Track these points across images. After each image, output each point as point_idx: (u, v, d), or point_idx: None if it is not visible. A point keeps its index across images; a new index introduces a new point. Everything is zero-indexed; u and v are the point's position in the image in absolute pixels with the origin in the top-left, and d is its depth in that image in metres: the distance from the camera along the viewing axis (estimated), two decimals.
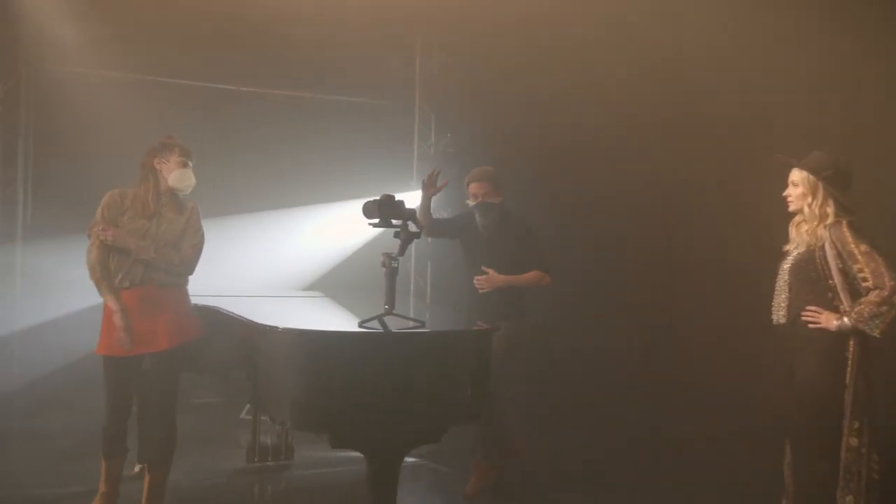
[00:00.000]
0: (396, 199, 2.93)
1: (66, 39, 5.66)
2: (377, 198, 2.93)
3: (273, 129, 6.44)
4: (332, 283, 6.06)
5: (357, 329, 2.78)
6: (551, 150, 6.11)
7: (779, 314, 3.00)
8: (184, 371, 3.42)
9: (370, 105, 6.72)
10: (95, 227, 3.23)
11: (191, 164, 3.41)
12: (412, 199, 6.39)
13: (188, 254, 3.38)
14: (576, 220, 6.03)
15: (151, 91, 6.00)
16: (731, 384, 4.75)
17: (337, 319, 4.02)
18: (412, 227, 2.89)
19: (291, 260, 6.12)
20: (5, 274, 5.57)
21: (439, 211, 6.41)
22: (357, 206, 6.22)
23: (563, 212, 5.94)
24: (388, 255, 2.87)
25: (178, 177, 3.34)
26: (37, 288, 5.58)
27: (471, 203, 4.05)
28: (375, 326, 2.79)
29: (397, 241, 2.90)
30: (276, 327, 2.81)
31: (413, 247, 6.54)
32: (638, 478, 4.31)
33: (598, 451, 4.81)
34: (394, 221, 2.92)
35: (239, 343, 3.14)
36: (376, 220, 2.92)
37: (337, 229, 6.34)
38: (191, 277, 3.44)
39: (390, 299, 2.88)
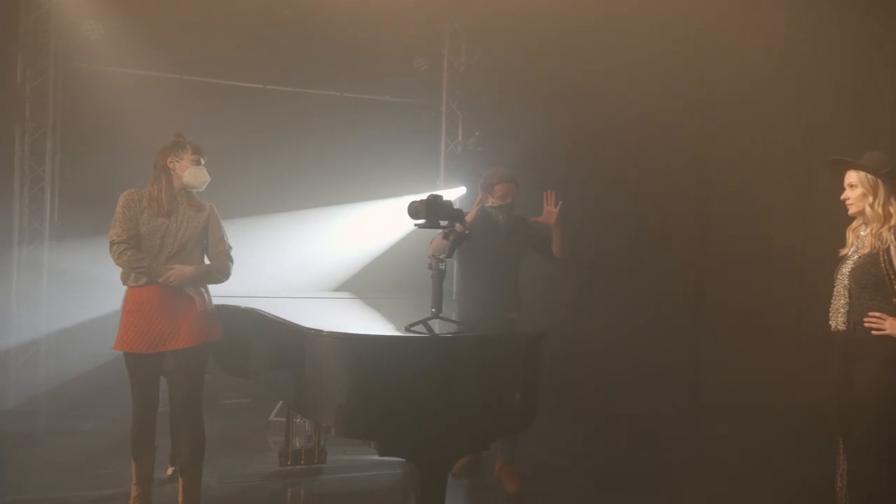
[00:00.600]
0: (444, 198, 2.84)
1: (96, 37, 5.64)
2: (423, 197, 2.84)
3: (299, 128, 6.40)
4: (360, 285, 6.00)
5: (406, 333, 2.71)
6: (580, 146, 6.03)
7: (837, 320, 2.88)
8: (214, 371, 3.38)
9: (396, 103, 6.65)
10: (116, 229, 3.18)
11: (203, 161, 3.35)
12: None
13: (224, 263, 3.35)
14: (604, 217, 5.94)
15: (180, 89, 5.98)
16: (770, 390, 4.66)
17: (377, 323, 3.92)
18: (461, 228, 2.80)
19: (317, 260, 6.06)
20: (33, 274, 5.56)
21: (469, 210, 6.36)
22: (384, 206, 6.34)
23: (591, 209, 5.85)
24: (436, 257, 2.79)
25: (191, 174, 3.29)
26: (64, 288, 5.57)
27: (497, 203, 3.95)
28: (422, 330, 2.72)
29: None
30: (322, 331, 2.74)
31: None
32: (673, 483, 4.22)
33: (627, 454, 4.74)
34: (441, 222, 2.83)
35: (279, 346, 3.08)
36: (422, 221, 2.84)
37: (365, 229, 6.28)
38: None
39: (437, 302, 2.81)
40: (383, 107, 6.62)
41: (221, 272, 3.34)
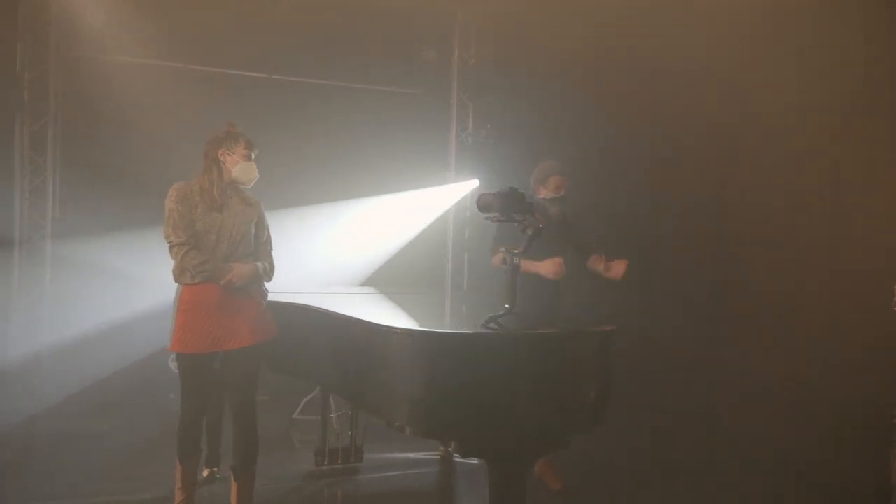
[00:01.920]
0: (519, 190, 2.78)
1: (98, 25, 5.42)
2: (496, 190, 2.77)
3: (304, 119, 6.24)
4: (378, 280, 5.91)
5: (485, 331, 2.65)
6: (595, 138, 6.01)
7: None
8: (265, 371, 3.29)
9: (404, 94, 6.55)
10: (173, 227, 3.03)
11: (255, 155, 3.24)
12: (449, 191, 6.32)
13: (271, 263, 3.29)
14: (620, 209, 5.94)
15: (184, 79, 5.79)
16: (820, 384, 4.62)
17: (435, 319, 3.81)
18: (536, 221, 2.74)
19: (328, 257, 5.93)
20: (35, 273, 5.33)
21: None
22: (394, 200, 6.24)
23: (606, 202, 5.84)
24: (510, 251, 2.73)
25: (242, 170, 3.17)
26: (68, 288, 5.35)
27: (550, 195, 3.91)
28: (498, 326, 2.67)
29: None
30: (396, 328, 2.67)
31: (450, 239, 6.48)
32: (718, 479, 4.23)
33: (667, 446, 4.75)
34: (516, 216, 2.77)
35: (341, 343, 3.00)
36: (495, 215, 2.77)
37: (375, 225, 6.17)
38: None
39: (511, 298, 2.75)
40: (390, 97, 6.51)
41: (269, 273, 3.25)
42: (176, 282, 3.11)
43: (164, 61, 5.75)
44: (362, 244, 6.02)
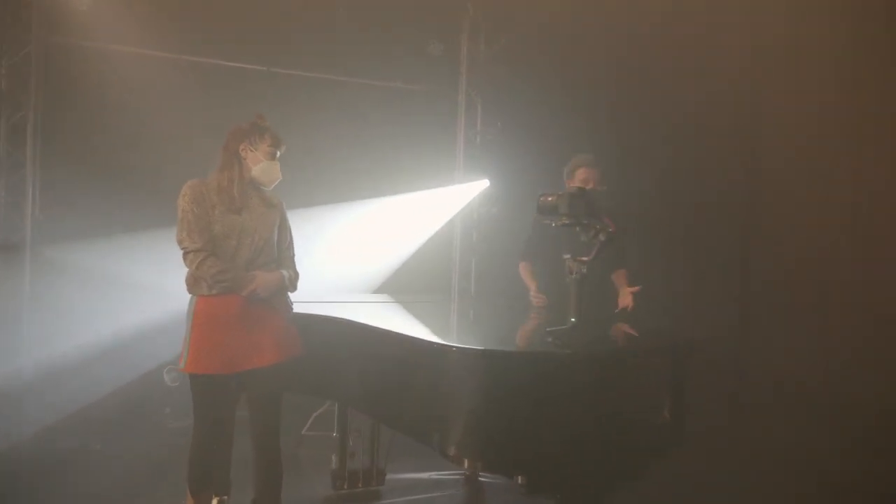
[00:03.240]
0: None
1: (83, 9, 5.01)
2: (563, 191, 2.48)
3: (304, 115, 5.85)
4: (385, 287, 5.59)
5: (556, 350, 2.35)
6: (610, 136, 5.74)
7: None
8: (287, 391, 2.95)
9: (408, 90, 6.23)
10: (188, 232, 2.68)
11: (279, 154, 2.90)
12: (458, 192, 6.01)
13: (295, 272, 2.95)
14: (637, 209, 5.68)
15: (176, 70, 5.42)
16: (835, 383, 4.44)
17: (478, 333, 3.46)
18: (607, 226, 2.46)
19: (337, 262, 5.56)
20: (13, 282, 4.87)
21: (488, 206, 6.00)
22: (400, 201, 5.91)
23: (623, 201, 5.58)
24: (578, 260, 2.44)
25: (263, 170, 2.83)
26: (50, 299, 4.87)
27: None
28: (563, 343, 2.38)
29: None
30: (450, 346, 2.36)
31: (458, 242, 6.17)
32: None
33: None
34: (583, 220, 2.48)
35: (379, 362, 2.67)
36: (562, 219, 2.48)
37: (380, 229, 5.82)
38: None
39: (578, 311, 2.46)
40: (394, 93, 6.19)
41: (294, 282, 2.91)
42: (189, 292, 2.76)
43: (155, 50, 5.36)
44: (368, 249, 5.67)
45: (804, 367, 4.66)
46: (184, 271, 2.77)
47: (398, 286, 5.78)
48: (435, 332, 3.02)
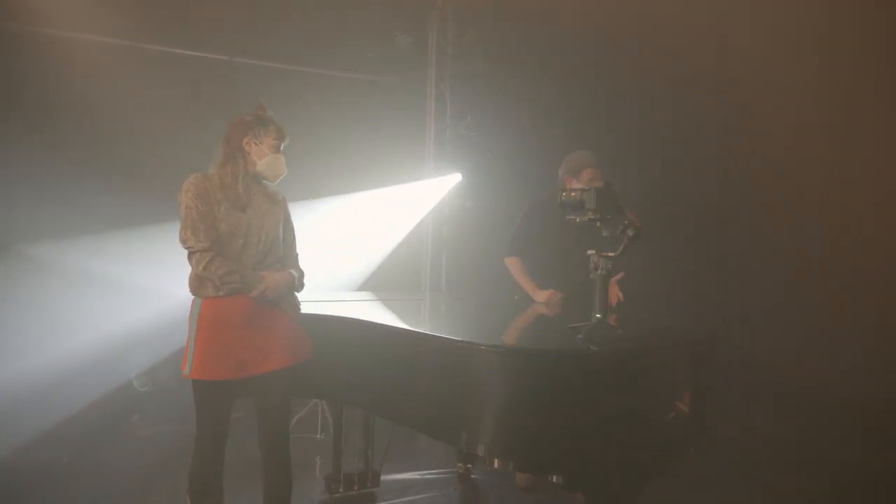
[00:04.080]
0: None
1: None
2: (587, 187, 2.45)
3: (268, 107, 5.68)
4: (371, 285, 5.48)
5: (587, 347, 2.33)
6: (583, 132, 5.76)
7: None
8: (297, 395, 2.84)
9: (377, 83, 6.13)
10: (193, 230, 2.53)
11: (283, 148, 2.79)
12: (430, 187, 5.94)
13: (301, 271, 2.83)
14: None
15: (133, 58, 5.16)
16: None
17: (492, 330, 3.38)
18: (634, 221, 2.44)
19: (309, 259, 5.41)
20: None
21: (462, 201, 5.95)
22: (370, 196, 5.79)
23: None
24: (603, 256, 2.42)
25: (269, 164, 2.72)
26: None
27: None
28: (596, 340, 2.37)
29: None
30: (480, 345, 2.30)
31: (429, 237, 6.10)
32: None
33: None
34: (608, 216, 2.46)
35: (399, 362, 2.60)
36: (587, 214, 2.45)
37: (346, 225, 5.68)
38: None
39: (602, 307, 2.45)
40: (360, 86, 6.08)
41: (301, 281, 2.80)
42: (194, 294, 2.62)
43: (111, 38, 5.09)
44: (342, 247, 5.53)
45: (816, 364, 4.48)
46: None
47: (370, 284, 5.69)
48: (448, 330, 2.95)
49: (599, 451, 2.22)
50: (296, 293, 2.77)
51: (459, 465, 3.99)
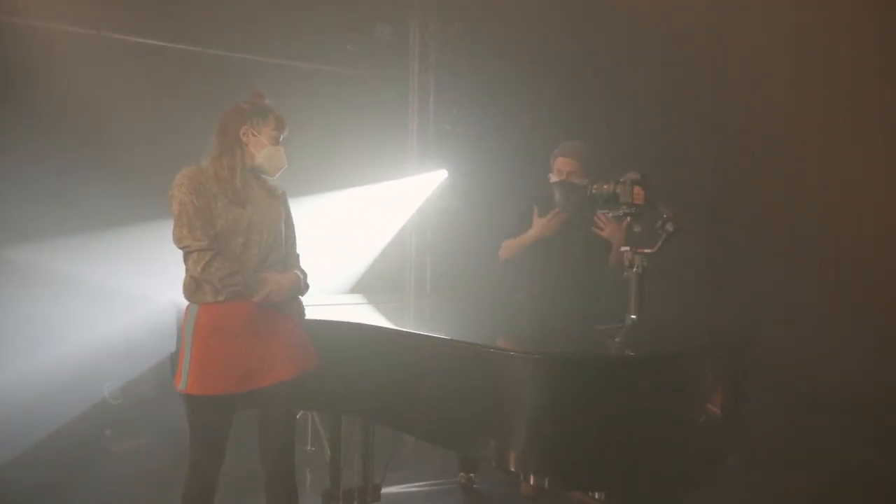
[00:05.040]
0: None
1: None
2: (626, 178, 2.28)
3: (238, 99, 5.40)
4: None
5: (637, 351, 2.16)
6: (572, 125, 5.61)
7: None
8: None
9: (356, 77, 5.89)
10: (189, 228, 2.28)
11: (283, 139, 2.56)
12: (416, 184, 5.72)
13: (302, 272, 2.59)
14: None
15: (96, 48, 4.81)
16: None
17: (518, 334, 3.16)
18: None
19: None
20: None
21: (447, 198, 5.75)
22: (351, 194, 5.55)
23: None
24: (639, 252, 2.25)
25: (268, 157, 2.49)
26: None
27: (555, 178, 3.49)
28: (631, 342, 2.20)
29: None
30: (508, 351, 2.12)
31: (413, 236, 5.87)
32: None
33: None
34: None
35: (419, 371, 2.39)
36: (623, 207, 2.28)
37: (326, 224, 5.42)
38: None
39: (638, 307, 2.28)
40: (339, 79, 5.83)
41: (306, 284, 2.57)
42: (189, 299, 2.37)
43: (73, 26, 4.74)
44: (318, 247, 5.26)
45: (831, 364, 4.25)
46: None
47: (352, 286, 5.46)
48: (465, 333, 2.75)
49: (648, 463, 2.05)
50: (300, 297, 2.54)
51: (461, 474, 3.80)
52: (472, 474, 3.79)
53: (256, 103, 2.49)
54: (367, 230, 5.42)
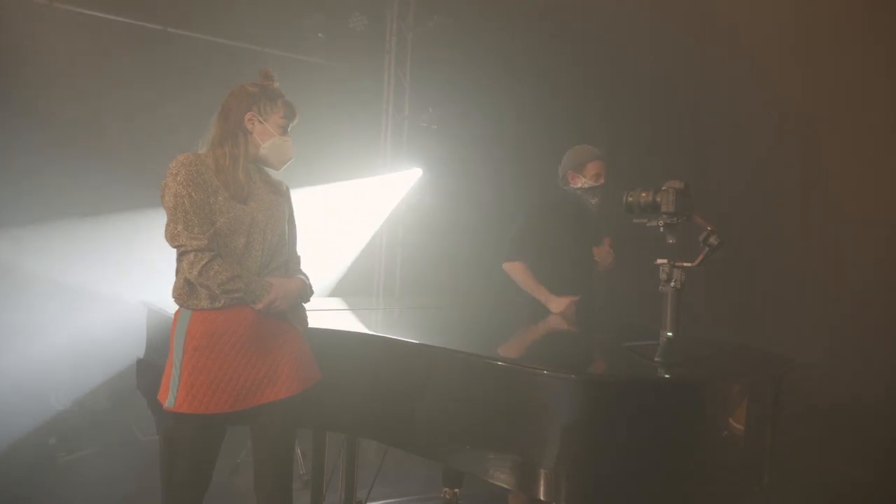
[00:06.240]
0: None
1: None
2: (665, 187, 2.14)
3: (204, 83, 4.94)
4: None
5: (680, 376, 2.02)
6: (546, 126, 5.49)
7: None
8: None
9: (329, 67, 5.62)
10: (185, 224, 2.02)
11: (291, 127, 2.31)
12: (387, 182, 5.50)
13: (305, 276, 2.34)
14: None
15: (65, 24, 4.54)
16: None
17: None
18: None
19: None
20: None
21: (419, 196, 5.53)
22: (325, 190, 5.28)
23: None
24: (678, 266, 2.12)
25: (276, 146, 2.23)
26: None
27: (590, 184, 3.33)
28: (670, 363, 2.07)
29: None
30: (541, 371, 1.94)
31: (384, 237, 5.64)
32: None
33: None
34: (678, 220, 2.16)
35: (429, 387, 2.19)
36: (664, 217, 2.14)
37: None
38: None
39: (675, 324, 2.15)
40: (312, 68, 5.56)
41: (312, 289, 2.33)
42: (181, 305, 2.10)
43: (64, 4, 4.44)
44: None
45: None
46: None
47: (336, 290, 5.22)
48: (475, 346, 2.56)
49: (693, 490, 1.93)
50: (303, 304, 2.30)
51: (445, 489, 3.60)
52: (456, 489, 3.60)
53: (265, 86, 2.23)
54: (342, 230, 5.15)
